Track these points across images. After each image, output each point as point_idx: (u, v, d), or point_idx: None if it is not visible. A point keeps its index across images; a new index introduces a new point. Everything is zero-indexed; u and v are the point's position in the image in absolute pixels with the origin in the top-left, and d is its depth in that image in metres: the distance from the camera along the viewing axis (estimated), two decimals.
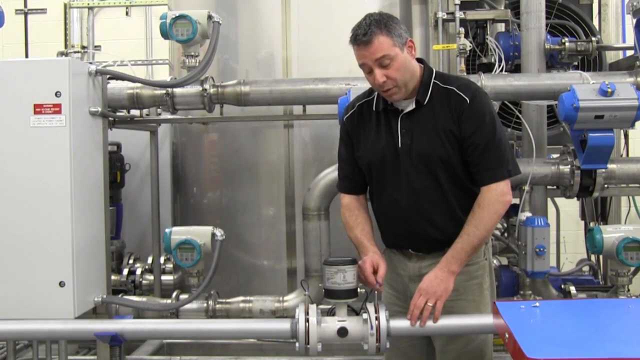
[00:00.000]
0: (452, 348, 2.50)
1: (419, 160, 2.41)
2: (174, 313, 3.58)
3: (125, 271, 4.37)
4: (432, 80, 2.44)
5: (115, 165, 4.49)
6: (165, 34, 3.57)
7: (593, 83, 3.34)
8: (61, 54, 6.34)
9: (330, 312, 2.37)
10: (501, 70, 3.84)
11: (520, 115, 3.87)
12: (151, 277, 4.28)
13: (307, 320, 2.28)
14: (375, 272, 2.33)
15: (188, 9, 3.71)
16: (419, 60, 2.48)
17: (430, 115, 2.41)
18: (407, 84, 2.38)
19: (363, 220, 2.55)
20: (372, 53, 2.31)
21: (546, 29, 3.87)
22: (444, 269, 2.36)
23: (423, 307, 2.32)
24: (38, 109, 2.82)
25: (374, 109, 2.51)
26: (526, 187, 3.54)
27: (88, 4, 7.22)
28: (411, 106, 2.43)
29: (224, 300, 3.69)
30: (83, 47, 7.05)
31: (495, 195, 2.36)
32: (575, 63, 4.08)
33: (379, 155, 2.47)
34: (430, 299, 2.32)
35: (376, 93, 2.51)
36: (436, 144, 2.39)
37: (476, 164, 2.39)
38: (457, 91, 2.40)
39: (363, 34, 2.30)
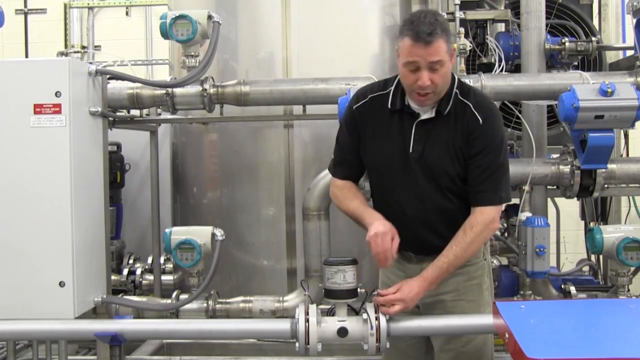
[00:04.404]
0: (451, 348, 2.51)
1: (428, 170, 2.39)
2: (174, 313, 3.58)
3: (125, 271, 4.37)
4: (454, 89, 2.40)
5: (115, 165, 4.49)
6: (165, 34, 3.57)
7: (593, 83, 3.33)
8: (61, 54, 6.32)
9: (330, 312, 2.38)
10: (501, 70, 3.83)
11: (520, 115, 3.87)
12: (151, 277, 4.28)
13: (307, 320, 2.28)
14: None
15: (188, 9, 3.70)
16: None
17: (445, 128, 2.38)
18: (441, 92, 2.35)
19: (360, 195, 2.52)
20: (430, 55, 2.22)
21: (546, 29, 3.87)
22: (425, 284, 2.34)
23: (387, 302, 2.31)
24: (38, 109, 2.82)
25: (388, 106, 2.44)
26: (526, 187, 3.54)
27: (88, 4, 7.23)
28: (430, 114, 2.39)
29: (224, 300, 3.69)
30: (83, 47, 7.05)
31: (487, 221, 2.36)
32: (575, 63, 4.07)
33: (387, 159, 2.43)
34: (399, 304, 2.30)
35: (392, 89, 2.43)
36: (445, 158, 2.37)
37: (473, 184, 2.38)
38: (473, 109, 2.37)
39: (428, 33, 2.20)
